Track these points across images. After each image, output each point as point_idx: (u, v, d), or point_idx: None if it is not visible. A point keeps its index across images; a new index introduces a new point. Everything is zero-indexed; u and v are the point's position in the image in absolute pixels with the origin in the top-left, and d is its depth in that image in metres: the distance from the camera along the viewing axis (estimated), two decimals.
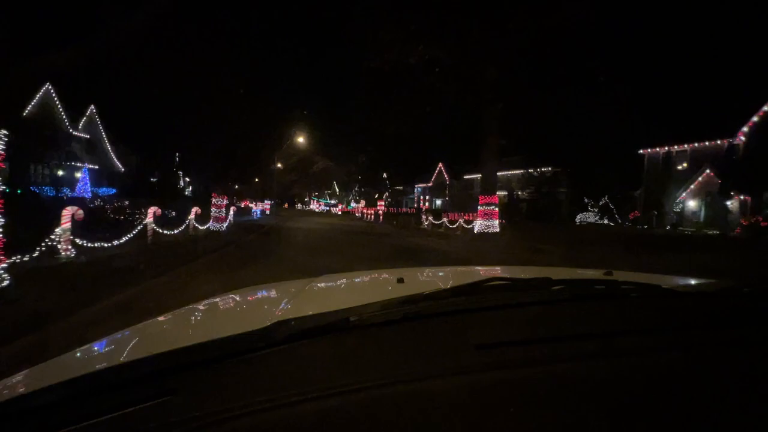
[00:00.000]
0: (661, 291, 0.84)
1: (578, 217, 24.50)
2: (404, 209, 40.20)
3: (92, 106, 26.98)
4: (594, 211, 24.06)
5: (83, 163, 25.31)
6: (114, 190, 27.76)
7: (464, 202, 33.47)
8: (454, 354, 0.54)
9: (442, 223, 17.58)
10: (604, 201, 23.38)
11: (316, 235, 13.18)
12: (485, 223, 12.30)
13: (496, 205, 12.43)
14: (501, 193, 33.68)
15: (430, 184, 45.55)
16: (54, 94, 22.31)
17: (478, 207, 12.62)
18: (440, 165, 44.84)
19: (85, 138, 26.34)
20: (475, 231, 12.88)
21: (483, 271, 1.45)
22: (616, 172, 22.88)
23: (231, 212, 15.03)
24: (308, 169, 41.52)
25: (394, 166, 47.80)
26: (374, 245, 10.73)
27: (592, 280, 0.92)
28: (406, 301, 0.67)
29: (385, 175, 52.09)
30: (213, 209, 11.43)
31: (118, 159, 30.78)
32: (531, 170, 26.35)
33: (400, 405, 0.44)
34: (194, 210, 10.61)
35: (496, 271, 1.52)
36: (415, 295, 0.69)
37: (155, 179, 30.88)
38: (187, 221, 10.42)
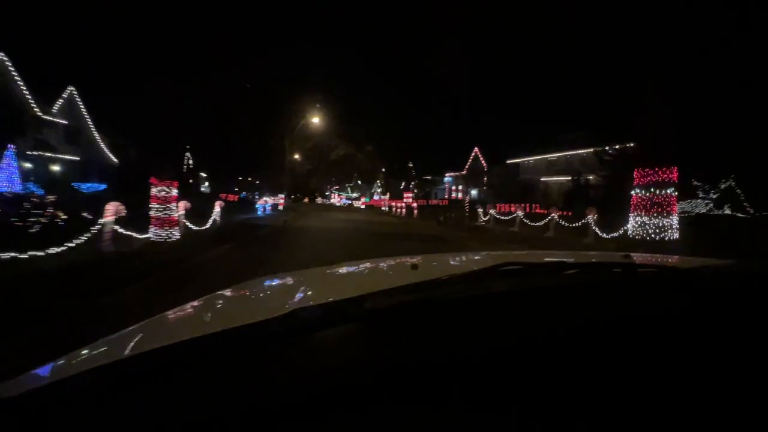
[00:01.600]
0: (680, 274, 0.83)
1: (677, 206, 18.34)
2: (435, 201, 35.10)
3: (71, 87, 22.74)
4: (707, 199, 17.68)
5: (59, 153, 21.28)
6: (104, 186, 23.99)
7: (509, 190, 28.15)
8: (467, 339, 0.54)
9: (516, 218, 12.24)
10: (727, 183, 16.96)
11: (332, 243, 8.13)
12: (653, 222, 6.80)
13: (673, 188, 6.94)
14: (562, 178, 27.99)
15: (464, 172, 40.23)
16: (11, 66, 18.09)
17: (633, 192, 7.17)
18: (475, 149, 39.73)
19: (63, 124, 22.15)
20: (614, 234, 7.43)
21: (497, 256, 1.38)
22: (734, 143, 16.60)
23: (217, 208, 10.70)
24: (326, 157, 36.54)
25: (421, 155, 43.03)
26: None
27: (608, 263, 0.92)
28: (421, 287, 0.67)
29: (411, 164, 47.34)
30: (153, 205, 6.53)
31: (112, 151, 26.85)
32: (606, 147, 20.17)
33: (413, 391, 0.44)
34: (110, 208, 5.77)
35: (511, 255, 1.33)
36: (430, 281, 0.70)
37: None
38: (98, 227, 5.63)
